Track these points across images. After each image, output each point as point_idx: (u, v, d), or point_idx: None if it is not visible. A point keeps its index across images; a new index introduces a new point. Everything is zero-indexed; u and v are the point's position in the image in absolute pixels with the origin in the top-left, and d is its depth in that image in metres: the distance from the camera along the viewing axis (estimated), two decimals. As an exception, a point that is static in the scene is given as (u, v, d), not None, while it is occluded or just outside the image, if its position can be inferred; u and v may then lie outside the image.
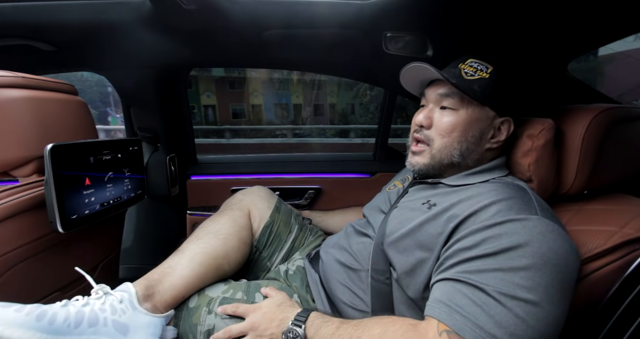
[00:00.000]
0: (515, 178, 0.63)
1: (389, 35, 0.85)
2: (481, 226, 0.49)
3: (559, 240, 0.46)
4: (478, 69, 0.62)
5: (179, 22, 0.81)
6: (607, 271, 0.49)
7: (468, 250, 0.48)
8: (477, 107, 0.61)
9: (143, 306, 0.56)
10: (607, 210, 0.56)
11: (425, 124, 0.64)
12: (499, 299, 0.43)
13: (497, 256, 0.45)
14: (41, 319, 0.46)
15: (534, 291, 0.42)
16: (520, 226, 0.47)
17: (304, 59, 1.01)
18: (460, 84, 0.60)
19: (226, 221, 0.75)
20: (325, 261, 0.72)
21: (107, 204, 0.72)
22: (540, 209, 0.51)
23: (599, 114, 0.58)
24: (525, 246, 0.45)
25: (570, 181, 0.60)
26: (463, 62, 0.64)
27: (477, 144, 0.62)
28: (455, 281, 0.47)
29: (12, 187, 0.58)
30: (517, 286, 0.43)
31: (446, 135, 0.62)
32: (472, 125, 0.61)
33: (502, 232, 0.47)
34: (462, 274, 0.46)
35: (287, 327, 0.54)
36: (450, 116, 0.62)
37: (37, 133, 0.60)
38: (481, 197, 0.54)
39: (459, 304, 0.44)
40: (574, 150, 0.59)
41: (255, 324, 0.58)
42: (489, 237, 0.47)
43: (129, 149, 0.80)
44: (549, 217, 0.49)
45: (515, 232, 0.46)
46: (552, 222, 0.48)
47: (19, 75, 0.60)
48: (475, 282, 0.45)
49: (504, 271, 0.44)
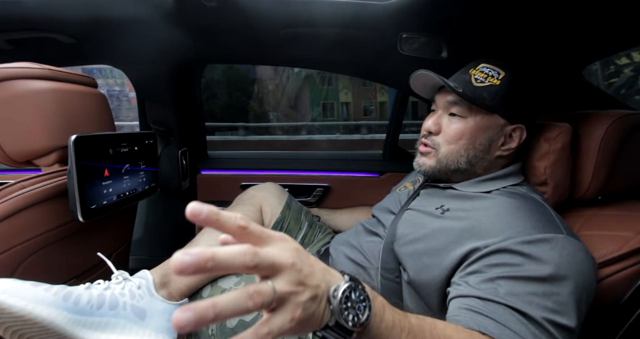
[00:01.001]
0: (530, 188, 0.62)
1: (404, 36, 0.85)
2: (508, 244, 0.47)
3: (586, 260, 0.46)
4: (489, 75, 0.61)
5: (198, 18, 0.82)
6: (621, 277, 0.49)
7: (496, 268, 0.46)
8: (486, 115, 0.61)
9: (159, 293, 0.58)
10: (621, 216, 0.56)
11: (433, 130, 0.64)
12: (544, 325, 0.41)
13: (530, 282, 0.44)
14: (67, 299, 0.48)
15: (567, 316, 0.42)
16: (549, 247, 0.45)
17: (318, 58, 1.01)
18: (469, 92, 0.60)
19: (239, 216, 0.76)
20: (335, 258, 0.73)
21: (123, 195, 0.74)
22: (563, 226, 0.50)
23: (617, 120, 0.58)
24: (556, 272, 0.44)
25: (585, 186, 0.60)
26: (474, 68, 0.63)
27: (486, 151, 0.62)
28: (497, 303, 0.43)
29: (35, 176, 0.60)
30: (553, 312, 0.42)
31: (453, 142, 0.61)
32: (481, 133, 0.61)
33: (532, 253, 0.45)
34: (502, 297, 0.43)
35: (344, 283, 0.31)
36: (458, 123, 0.61)
37: (61, 124, 0.62)
38: (500, 210, 0.52)
39: (509, 326, 0.41)
40: (590, 155, 0.59)
41: (295, 261, 0.29)
42: (518, 258, 0.45)
43: (145, 142, 0.81)
44: (572, 235, 0.49)
45: (545, 255, 0.45)
46: (577, 241, 0.48)
47: (46, 68, 0.62)
48: (518, 306, 0.42)
49: (538, 296, 0.43)
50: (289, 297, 0.26)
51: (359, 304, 0.30)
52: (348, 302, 0.30)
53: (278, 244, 0.28)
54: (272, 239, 0.29)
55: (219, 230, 0.26)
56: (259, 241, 0.28)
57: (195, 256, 0.22)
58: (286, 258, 0.27)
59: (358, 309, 0.30)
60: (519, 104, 0.61)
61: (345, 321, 0.29)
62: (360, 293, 0.31)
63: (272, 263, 0.26)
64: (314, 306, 0.28)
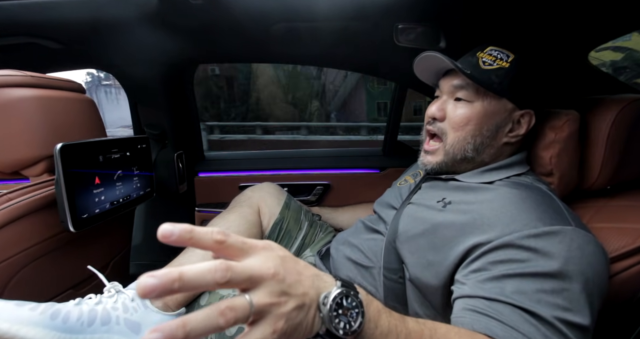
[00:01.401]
0: (535, 178, 0.59)
1: (400, 26, 0.82)
2: (513, 238, 0.44)
3: (597, 253, 0.44)
4: (498, 58, 0.58)
5: (185, 17, 0.79)
6: (635, 271, 0.46)
7: (501, 265, 0.44)
8: (493, 99, 0.58)
9: (154, 304, 0.56)
10: (634, 207, 0.54)
11: (438, 116, 0.61)
12: (555, 324, 0.39)
13: (538, 278, 0.41)
14: (55, 318, 0.46)
15: (579, 313, 0.39)
16: (557, 241, 0.43)
17: (311, 53, 0.98)
18: (476, 74, 0.57)
19: (236, 219, 0.75)
20: (336, 258, 0.71)
21: (117, 202, 0.72)
22: (571, 217, 0.47)
23: (627, 105, 0.55)
24: (566, 266, 0.41)
25: (594, 176, 0.57)
26: (482, 51, 0.60)
27: (493, 138, 0.59)
28: (503, 303, 0.41)
29: (23, 187, 0.58)
30: (564, 310, 0.39)
31: (459, 128, 0.59)
32: (488, 118, 0.58)
33: (538, 247, 0.43)
34: (509, 296, 0.41)
35: (335, 289, 0.30)
36: (464, 108, 0.59)
37: (47, 132, 0.60)
38: (504, 202, 0.50)
39: (517, 327, 0.39)
40: (599, 143, 0.56)
41: (277, 271, 0.28)
42: (524, 254, 0.43)
43: (137, 147, 0.79)
44: (581, 226, 0.46)
45: (552, 249, 0.42)
46: (586, 232, 0.45)
47: (28, 75, 0.60)
48: (526, 306, 0.40)
49: (547, 293, 0.40)
50: (270, 309, 0.25)
51: (351, 310, 0.29)
52: (339, 309, 0.29)
53: (261, 254, 0.27)
54: (254, 249, 0.27)
55: (195, 248, 0.25)
56: (240, 253, 0.26)
57: (160, 278, 0.21)
58: (267, 268, 0.26)
59: (350, 316, 0.29)
60: (528, 88, 0.59)
61: (335, 329, 0.28)
62: (353, 299, 0.30)
63: (249, 276, 0.25)
64: (301, 315, 0.27)
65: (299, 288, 0.27)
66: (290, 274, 0.27)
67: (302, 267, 0.30)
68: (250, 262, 0.26)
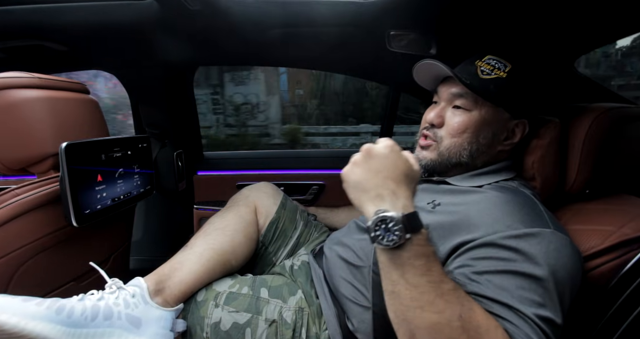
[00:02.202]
0: (521, 183, 0.61)
1: (392, 33, 0.85)
2: (496, 238, 0.47)
3: (572, 255, 0.47)
4: (495, 67, 0.60)
5: (184, 22, 0.82)
6: (603, 270, 0.49)
7: (484, 261, 0.46)
8: (491, 108, 0.60)
9: (154, 300, 0.58)
10: (606, 210, 0.57)
11: (436, 122, 0.63)
12: (535, 321, 0.41)
13: (518, 276, 0.44)
14: (60, 313, 0.48)
15: (552, 309, 0.42)
16: (536, 242, 0.46)
17: (307, 57, 1.01)
18: (476, 84, 0.59)
19: (233, 217, 0.77)
20: (329, 257, 0.74)
21: (117, 199, 0.75)
22: (551, 220, 0.50)
23: (602, 113, 0.57)
24: (542, 266, 0.44)
25: (571, 180, 0.60)
26: (480, 59, 0.62)
27: (489, 145, 0.61)
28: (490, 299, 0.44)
29: (30, 183, 0.61)
30: (540, 306, 0.42)
31: (457, 135, 0.60)
32: (485, 126, 0.60)
33: (519, 247, 0.45)
34: (490, 290, 0.44)
35: (392, 214, 0.40)
36: (462, 116, 0.60)
37: (53, 131, 0.63)
38: (489, 204, 0.52)
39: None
40: (575, 149, 0.59)
41: (372, 150, 0.46)
42: (506, 253, 0.46)
43: (139, 146, 0.82)
44: (560, 229, 0.49)
45: (531, 249, 0.45)
46: (563, 235, 0.48)
47: (35, 76, 0.63)
48: (509, 302, 0.43)
49: (525, 290, 0.43)
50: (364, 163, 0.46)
51: (391, 233, 0.40)
52: (383, 225, 0.40)
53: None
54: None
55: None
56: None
57: None
58: (367, 147, 0.47)
59: (387, 235, 0.40)
60: (523, 98, 0.61)
61: (373, 231, 0.40)
62: (399, 229, 0.40)
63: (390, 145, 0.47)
64: (363, 192, 0.44)
65: (391, 171, 0.44)
66: (389, 160, 0.46)
67: (406, 183, 0.44)
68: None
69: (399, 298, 0.42)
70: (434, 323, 0.39)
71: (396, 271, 0.41)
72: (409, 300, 0.41)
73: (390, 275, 0.42)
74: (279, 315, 0.63)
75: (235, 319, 0.62)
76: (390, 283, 0.42)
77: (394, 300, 0.43)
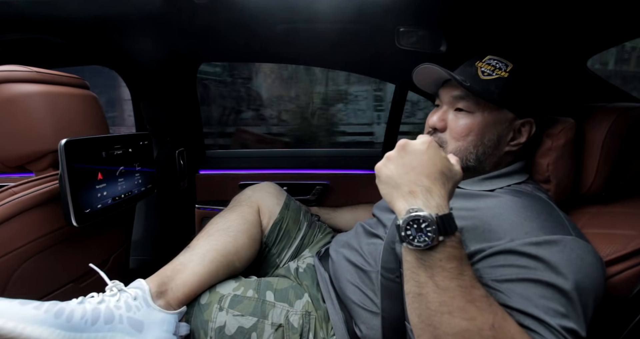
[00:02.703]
0: (535, 186, 0.60)
1: (401, 30, 0.83)
2: (515, 245, 0.45)
3: (595, 263, 0.45)
4: (496, 68, 0.58)
5: (188, 17, 0.80)
6: (624, 276, 0.47)
7: (503, 269, 0.45)
8: (494, 110, 0.58)
9: (156, 303, 0.57)
10: (626, 213, 0.55)
11: (439, 126, 0.61)
12: (561, 332, 0.40)
13: (540, 285, 0.42)
14: (59, 317, 0.47)
15: (575, 320, 0.41)
16: (558, 250, 0.44)
17: (312, 53, 0.99)
18: (476, 85, 0.57)
19: (236, 218, 0.76)
20: (336, 261, 0.72)
21: (118, 198, 0.73)
22: (572, 226, 0.48)
23: (623, 113, 0.56)
24: (565, 276, 0.42)
25: (589, 182, 0.58)
26: (480, 60, 0.60)
27: (495, 147, 0.59)
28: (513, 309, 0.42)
29: (27, 181, 0.59)
30: (563, 316, 0.41)
31: (461, 139, 0.59)
32: (489, 128, 0.58)
33: (540, 255, 0.43)
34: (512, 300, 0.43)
35: (425, 214, 0.38)
36: (465, 119, 0.59)
37: (52, 127, 0.61)
38: (505, 210, 0.50)
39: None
40: (594, 150, 0.57)
41: (408, 145, 0.45)
42: (527, 260, 0.44)
43: (140, 144, 0.80)
44: (580, 235, 0.47)
45: (553, 258, 0.43)
46: (585, 242, 0.46)
47: (33, 70, 0.61)
48: (532, 312, 0.41)
49: (548, 300, 0.41)
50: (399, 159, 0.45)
51: (423, 234, 0.38)
52: (415, 225, 0.38)
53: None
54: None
55: None
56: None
57: None
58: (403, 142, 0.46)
59: (419, 235, 0.38)
60: (528, 97, 0.59)
61: (404, 230, 0.39)
62: (432, 231, 0.37)
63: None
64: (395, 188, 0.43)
65: (424, 167, 0.42)
66: (426, 159, 0.43)
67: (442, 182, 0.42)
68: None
69: (425, 301, 0.39)
70: (464, 330, 0.37)
71: (425, 272, 0.39)
72: (437, 304, 0.38)
73: (418, 276, 0.39)
74: (286, 319, 0.61)
75: (240, 324, 0.60)
76: (417, 284, 0.40)
77: (419, 303, 0.40)
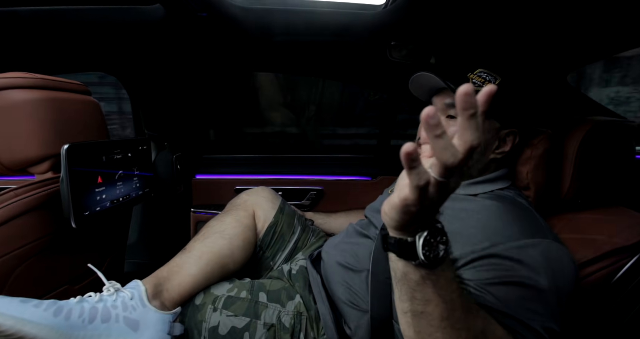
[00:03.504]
0: (517, 192, 0.63)
1: (393, 44, 0.87)
2: (498, 249, 0.47)
3: (571, 265, 0.48)
4: (486, 80, 0.62)
5: (190, 28, 0.83)
6: (595, 278, 0.51)
7: (487, 272, 0.47)
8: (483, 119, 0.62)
9: (152, 303, 0.58)
10: (598, 219, 0.58)
11: None
12: (540, 332, 0.42)
13: (521, 287, 0.45)
14: (58, 315, 0.48)
15: (554, 320, 0.43)
16: (537, 252, 0.47)
17: (310, 65, 1.03)
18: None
19: (231, 221, 0.78)
20: (327, 262, 0.74)
21: (116, 201, 0.75)
22: (549, 231, 0.51)
23: (594, 126, 0.60)
24: (544, 277, 0.45)
25: (565, 190, 0.62)
26: (472, 72, 0.64)
27: (482, 154, 0.63)
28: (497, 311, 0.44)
29: (29, 183, 0.61)
30: (542, 316, 0.43)
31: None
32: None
33: (521, 258, 0.46)
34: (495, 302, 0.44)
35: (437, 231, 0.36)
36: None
37: (54, 132, 0.63)
38: (488, 214, 0.53)
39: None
40: (569, 159, 0.61)
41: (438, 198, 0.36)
42: (509, 263, 0.46)
43: (139, 148, 0.82)
44: (557, 240, 0.50)
45: (532, 261, 0.46)
46: (562, 246, 0.49)
47: (38, 77, 0.63)
48: (512, 313, 0.43)
49: (528, 301, 0.44)
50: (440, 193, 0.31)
51: (438, 245, 0.35)
52: (432, 239, 0.34)
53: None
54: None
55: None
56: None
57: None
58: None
59: (434, 248, 0.34)
60: (513, 109, 0.63)
61: (422, 246, 0.34)
62: (444, 242, 0.35)
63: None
64: (424, 215, 0.33)
65: (439, 206, 0.33)
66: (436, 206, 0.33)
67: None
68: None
69: (428, 318, 0.37)
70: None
71: (431, 288, 0.36)
72: (438, 320, 0.37)
73: (423, 294, 0.37)
74: (278, 319, 0.63)
75: (233, 324, 0.62)
76: (421, 303, 0.37)
77: (419, 320, 0.38)
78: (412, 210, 0.32)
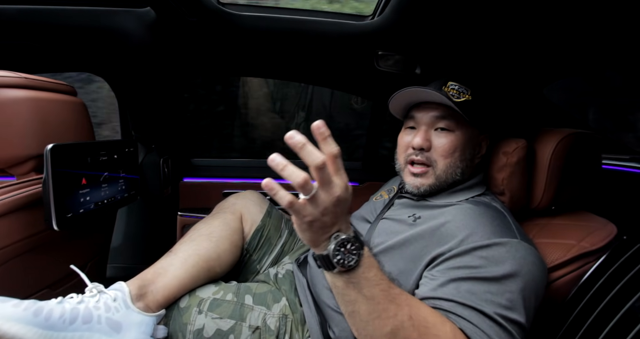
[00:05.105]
0: (493, 198, 0.67)
1: (380, 53, 0.90)
2: (469, 247, 0.51)
3: (537, 263, 0.52)
4: (461, 92, 0.66)
5: (180, 31, 0.84)
6: (565, 280, 0.54)
7: (457, 270, 0.51)
8: (468, 127, 0.66)
9: (136, 305, 0.58)
10: (569, 225, 0.62)
11: (425, 146, 0.65)
12: (497, 320, 0.46)
13: (487, 282, 0.48)
14: (38, 315, 0.47)
15: (517, 311, 0.47)
16: (505, 250, 0.50)
17: (299, 71, 1.05)
18: (457, 106, 0.63)
19: (219, 224, 0.78)
20: (312, 266, 0.75)
21: (101, 203, 0.74)
22: (519, 231, 0.55)
23: (565, 137, 0.64)
24: (509, 272, 0.48)
25: (539, 197, 0.66)
26: (445, 85, 0.67)
27: (471, 160, 0.67)
28: (457, 303, 0.48)
29: (9, 185, 0.59)
30: (505, 308, 0.47)
31: (449, 156, 0.64)
32: (468, 144, 0.66)
33: (489, 256, 0.50)
34: (459, 295, 0.48)
35: (346, 236, 0.40)
36: (449, 137, 0.65)
37: (37, 132, 0.62)
38: (464, 216, 0.57)
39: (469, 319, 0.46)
40: (542, 168, 0.65)
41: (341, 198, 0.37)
42: (477, 261, 0.50)
43: (125, 150, 0.81)
44: (526, 240, 0.54)
45: (500, 257, 0.50)
46: (529, 245, 0.53)
47: (21, 76, 0.62)
48: (474, 304, 0.47)
49: (492, 294, 0.47)
50: (314, 207, 0.37)
51: (350, 253, 0.40)
52: (342, 248, 0.39)
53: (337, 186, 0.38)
54: (335, 181, 0.38)
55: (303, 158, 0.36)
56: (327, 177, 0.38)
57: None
58: (332, 193, 0.37)
59: (347, 256, 0.40)
60: (486, 116, 0.68)
61: (333, 257, 0.39)
62: (355, 248, 0.40)
63: (331, 181, 0.37)
64: (322, 229, 0.39)
65: (337, 217, 0.38)
66: (340, 209, 0.38)
67: (345, 214, 0.40)
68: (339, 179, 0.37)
69: (358, 315, 0.43)
70: (392, 327, 0.42)
71: (354, 290, 0.42)
72: (366, 314, 0.42)
73: (349, 296, 0.43)
74: (263, 322, 0.63)
75: (218, 326, 0.62)
76: (350, 304, 0.43)
77: (354, 319, 0.44)
78: (306, 228, 0.38)
